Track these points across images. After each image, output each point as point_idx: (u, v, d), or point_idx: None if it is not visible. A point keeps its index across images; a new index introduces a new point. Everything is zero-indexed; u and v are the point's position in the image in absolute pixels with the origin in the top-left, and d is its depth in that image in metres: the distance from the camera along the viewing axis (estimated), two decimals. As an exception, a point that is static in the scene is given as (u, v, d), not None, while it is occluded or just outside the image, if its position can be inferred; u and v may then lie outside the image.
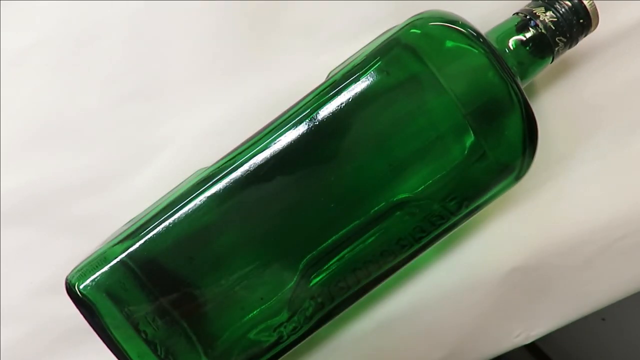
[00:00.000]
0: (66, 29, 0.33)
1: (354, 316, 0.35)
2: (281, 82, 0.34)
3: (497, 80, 0.28)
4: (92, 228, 0.34)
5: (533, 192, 0.35)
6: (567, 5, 0.29)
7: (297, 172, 0.28)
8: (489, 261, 0.35)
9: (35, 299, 0.34)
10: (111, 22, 0.33)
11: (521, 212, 0.35)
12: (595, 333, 0.61)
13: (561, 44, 0.30)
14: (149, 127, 0.34)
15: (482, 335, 0.36)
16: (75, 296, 0.28)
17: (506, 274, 0.35)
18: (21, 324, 0.34)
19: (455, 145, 0.28)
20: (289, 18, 0.34)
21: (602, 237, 0.35)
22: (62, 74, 0.33)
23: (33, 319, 0.34)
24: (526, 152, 0.29)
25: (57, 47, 0.33)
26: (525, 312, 0.36)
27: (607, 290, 0.36)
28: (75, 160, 0.34)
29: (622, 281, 0.36)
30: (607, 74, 0.35)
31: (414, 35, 0.28)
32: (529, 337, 0.37)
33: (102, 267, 0.28)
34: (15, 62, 0.33)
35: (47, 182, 0.34)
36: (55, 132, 0.34)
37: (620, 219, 0.35)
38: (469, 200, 0.29)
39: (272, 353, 0.29)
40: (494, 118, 0.28)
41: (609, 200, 0.35)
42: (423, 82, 0.28)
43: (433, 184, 0.28)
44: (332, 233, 0.28)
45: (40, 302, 0.34)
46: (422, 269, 0.35)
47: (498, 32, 0.30)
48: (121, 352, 0.28)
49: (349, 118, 0.28)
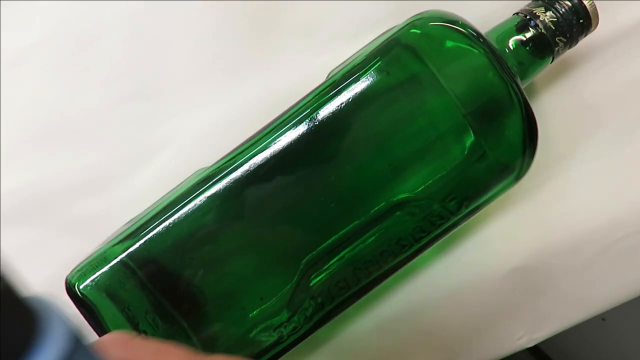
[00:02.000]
0: (66, 29, 0.33)
1: (354, 316, 0.35)
2: (281, 82, 0.34)
3: (497, 80, 0.28)
4: (92, 228, 0.34)
5: (533, 192, 0.35)
6: (567, 5, 0.29)
7: (297, 172, 0.28)
8: (489, 261, 0.35)
9: (35, 299, 0.34)
10: (111, 22, 0.33)
11: (521, 212, 0.35)
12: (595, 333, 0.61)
13: (561, 44, 0.30)
14: (149, 127, 0.34)
15: (483, 337, 0.36)
16: (75, 296, 0.28)
17: (506, 274, 0.35)
18: (21, 324, 0.34)
19: (455, 145, 0.28)
20: (289, 18, 0.34)
21: (602, 238, 0.35)
22: (62, 74, 0.33)
23: (33, 319, 0.34)
24: (526, 152, 0.29)
25: (57, 47, 0.33)
26: (526, 313, 0.36)
27: (608, 292, 0.36)
28: (75, 160, 0.34)
29: (623, 283, 0.36)
30: (607, 74, 0.35)
31: (414, 35, 0.28)
32: (532, 339, 0.36)
33: (102, 267, 0.28)
34: (15, 62, 0.33)
35: (47, 182, 0.34)
36: (55, 132, 0.34)
37: (621, 219, 0.35)
38: (469, 200, 0.29)
39: (273, 353, 0.29)
40: (494, 118, 0.28)
41: (609, 200, 0.35)
42: (423, 82, 0.28)
43: (433, 184, 0.28)
44: (332, 233, 0.28)
45: (40, 302, 0.34)
46: (422, 269, 0.35)
47: (498, 32, 0.30)
48: (121, 352, 0.28)
49: (349, 118, 0.28)
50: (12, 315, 0.11)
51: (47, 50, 0.33)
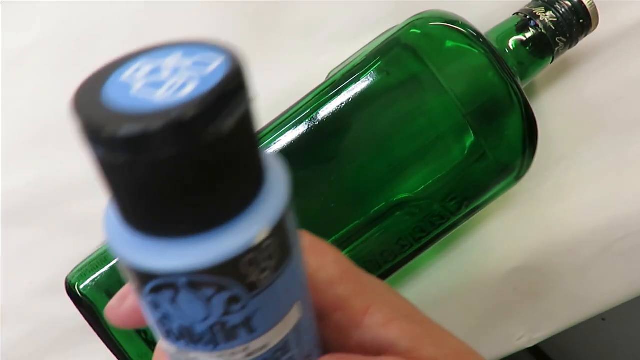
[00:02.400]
0: (66, 29, 0.33)
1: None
2: (281, 82, 0.34)
3: (497, 80, 0.28)
4: (92, 228, 0.34)
5: (533, 192, 0.35)
6: (567, 5, 0.29)
7: (297, 172, 0.28)
8: (489, 261, 0.35)
9: (35, 299, 0.34)
10: (111, 22, 0.33)
11: (521, 212, 0.35)
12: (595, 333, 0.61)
13: (561, 44, 0.30)
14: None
15: (483, 337, 0.36)
16: (75, 296, 0.28)
17: (506, 274, 0.35)
18: (21, 324, 0.34)
19: (455, 145, 0.28)
20: (289, 18, 0.34)
21: (602, 238, 0.35)
22: (62, 74, 0.33)
23: (33, 319, 0.34)
24: (526, 152, 0.29)
25: (57, 47, 0.33)
26: (526, 313, 0.36)
27: (608, 292, 0.36)
28: (75, 160, 0.34)
29: (623, 282, 0.36)
30: (607, 74, 0.35)
31: (414, 35, 0.28)
32: (532, 339, 0.36)
33: (102, 267, 0.28)
34: (15, 62, 0.33)
35: (47, 182, 0.34)
36: (55, 132, 0.33)
37: (621, 219, 0.35)
38: (469, 200, 0.29)
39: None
40: (494, 118, 0.28)
41: (609, 200, 0.35)
42: (423, 82, 0.28)
43: (433, 184, 0.28)
44: (332, 233, 0.28)
45: (40, 302, 0.34)
46: (422, 269, 0.35)
47: (498, 32, 0.30)
48: (121, 352, 0.28)
49: (349, 118, 0.28)
50: (245, 162, 0.11)
51: (47, 50, 0.33)
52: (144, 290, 0.12)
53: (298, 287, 0.14)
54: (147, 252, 0.11)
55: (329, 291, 0.17)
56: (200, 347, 0.13)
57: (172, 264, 0.11)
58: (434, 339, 0.17)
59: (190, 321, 0.12)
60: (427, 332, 0.18)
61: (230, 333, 0.13)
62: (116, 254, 0.12)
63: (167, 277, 0.11)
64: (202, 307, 0.12)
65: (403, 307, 0.18)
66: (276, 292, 0.13)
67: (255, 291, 0.12)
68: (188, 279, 0.11)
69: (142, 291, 0.12)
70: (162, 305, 0.12)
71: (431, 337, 0.17)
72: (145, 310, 0.13)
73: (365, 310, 0.17)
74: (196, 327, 0.12)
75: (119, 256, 0.11)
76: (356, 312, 0.17)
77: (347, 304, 0.17)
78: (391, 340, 0.17)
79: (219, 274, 0.11)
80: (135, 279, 0.12)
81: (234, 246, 0.11)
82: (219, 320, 0.12)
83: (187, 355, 0.13)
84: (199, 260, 0.11)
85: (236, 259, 0.11)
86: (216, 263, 0.11)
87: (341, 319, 0.17)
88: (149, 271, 0.11)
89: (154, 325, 0.13)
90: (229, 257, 0.11)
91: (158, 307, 0.12)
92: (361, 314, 0.17)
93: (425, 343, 0.17)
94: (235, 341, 0.13)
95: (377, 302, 0.17)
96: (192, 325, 0.12)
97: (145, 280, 0.11)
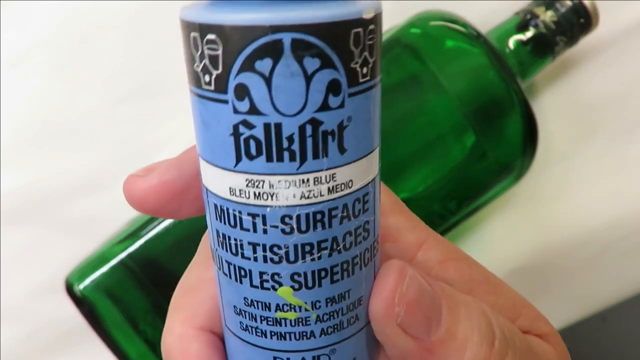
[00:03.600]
0: (66, 29, 0.33)
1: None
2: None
3: (497, 80, 0.28)
4: (92, 228, 0.34)
5: (533, 192, 0.35)
6: (568, 5, 0.29)
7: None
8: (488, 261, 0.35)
9: (35, 299, 0.34)
10: (111, 22, 0.33)
11: (521, 212, 0.35)
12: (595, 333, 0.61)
13: (561, 44, 0.30)
14: (149, 127, 0.34)
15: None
16: (75, 296, 0.28)
17: (506, 274, 0.35)
18: (21, 324, 0.34)
19: (456, 145, 0.28)
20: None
21: (602, 238, 0.35)
22: (62, 74, 0.33)
23: (33, 319, 0.34)
24: (526, 152, 0.29)
25: (57, 47, 0.33)
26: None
27: (608, 292, 0.36)
28: (75, 160, 0.34)
29: (622, 282, 0.36)
30: (607, 74, 0.35)
31: (414, 35, 0.28)
32: None
33: (102, 267, 0.28)
34: (15, 62, 0.33)
35: (47, 182, 0.34)
36: (55, 132, 0.34)
37: (621, 219, 0.35)
38: (469, 200, 0.29)
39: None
40: (494, 118, 0.28)
41: (609, 200, 0.35)
42: (423, 82, 0.28)
43: (433, 184, 0.28)
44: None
45: (40, 302, 0.34)
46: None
47: (498, 32, 0.30)
48: (121, 352, 0.28)
49: (349, 118, 0.28)
50: None
51: (47, 50, 0.33)
52: (238, 58, 0.11)
53: (378, 130, 0.14)
54: (256, 5, 0.11)
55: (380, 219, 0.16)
56: (282, 168, 0.12)
57: (282, 15, 0.11)
58: (490, 286, 0.17)
59: (283, 110, 0.11)
60: (484, 278, 0.17)
61: (321, 144, 0.12)
62: (216, 17, 0.11)
63: (274, 33, 0.11)
64: (301, 86, 0.11)
65: (455, 249, 0.17)
66: (368, 108, 0.13)
67: (354, 88, 0.12)
68: (294, 36, 0.11)
69: (235, 60, 0.11)
70: (253, 89, 0.11)
71: (488, 284, 0.17)
72: (220, 122, 0.12)
73: (419, 245, 0.16)
74: (286, 126, 0.11)
75: (218, 18, 0.11)
76: (409, 245, 0.16)
77: (400, 236, 0.16)
78: (447, 280, 0.16)
79: (327, 38, 0.11)
80: (233, 44, 0.11)
81: (345, 11, 0.11)
82: (314, 116, 0.12)
83: (260, 188, 0.12)
84: (311, 15, 0.11)
85: (345, 24, 0.11)
86: (327, 21, 0.11)
87: (391, 250, 0.16)
88: (257, 25, 0.11)
89: (223, 144, 0.12)
90: (339, 19, 0.11)
91: (246, 95, 0.11)
92: (414, 248, 0.16)
93: (483, 290, 0.16)
94: (325, 160, 0.12)
95: (432, 239, 0.17)
96: (281, 124, 0.11)
97: (247, 40, 0.11)
